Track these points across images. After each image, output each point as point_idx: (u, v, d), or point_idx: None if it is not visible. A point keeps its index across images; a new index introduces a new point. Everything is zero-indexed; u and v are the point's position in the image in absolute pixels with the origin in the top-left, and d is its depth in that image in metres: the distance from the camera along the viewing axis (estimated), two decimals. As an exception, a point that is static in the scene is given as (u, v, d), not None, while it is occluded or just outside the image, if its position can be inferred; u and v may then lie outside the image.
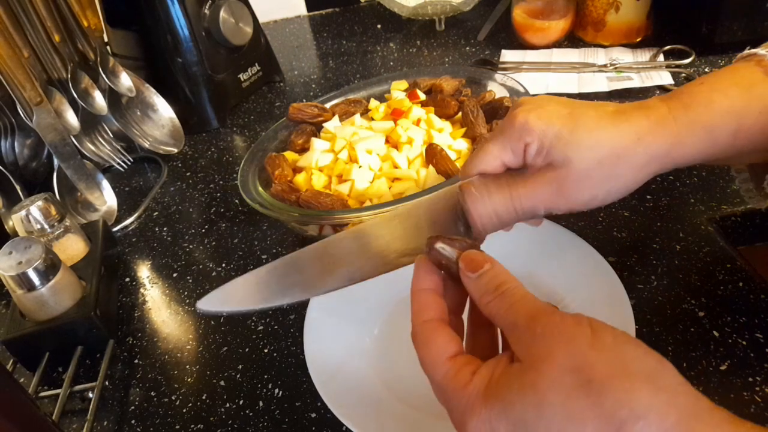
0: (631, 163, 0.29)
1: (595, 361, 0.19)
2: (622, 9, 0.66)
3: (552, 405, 0.19)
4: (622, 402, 0.18)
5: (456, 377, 0.22)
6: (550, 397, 0.19)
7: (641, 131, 0.29)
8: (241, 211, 0.55)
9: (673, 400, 0.19)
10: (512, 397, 0.20)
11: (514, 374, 0.21)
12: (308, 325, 0.37)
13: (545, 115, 0.29)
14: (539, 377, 0.20)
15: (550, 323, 0.21)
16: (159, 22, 0.63)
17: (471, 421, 0.21)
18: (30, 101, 0.50)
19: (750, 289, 0.38)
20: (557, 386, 0.19)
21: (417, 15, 0.82)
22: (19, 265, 0.40)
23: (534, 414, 0.20)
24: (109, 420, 0.38)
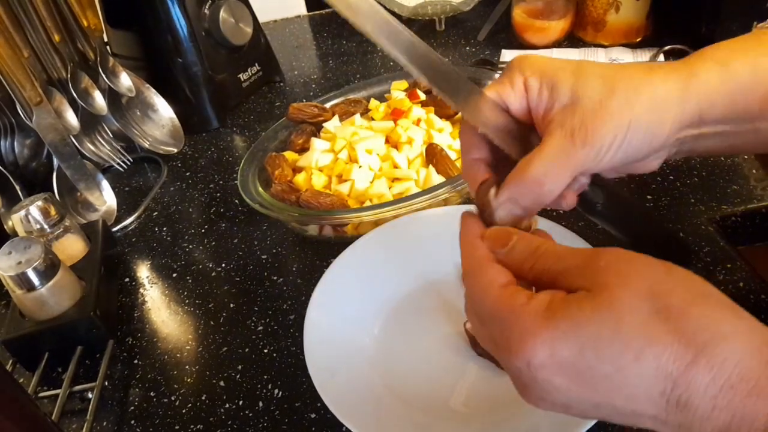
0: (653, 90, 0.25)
1: (673, 287, 0.19)
2: (622, 9, 0.66)
3: (630, 326, 0.18)
4: (703, 326, 0.18)
5: (511, 299, 0.21)
6: (627, 318, 0.18)
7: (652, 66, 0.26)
8: (241, 211, 0.55)
9: (756, 325, 0.18)
10: (583, 316, 0.19)
11: (582, 297, 0.19)
12: (308, 325, 0.37)
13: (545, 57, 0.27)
14: (616, 301, 0.19)
15: (618, 255, 0.20)
16: (159, 22, 0.63)
17: (528, 344, 0.19)
18: (30, 101, 0.50)
19: (750, 289, 0.38)
20: (635, 310, 0.18)
21: (417, 15, 0.82)
22: (19, 265, 0.40)
23: (609, 334, 0.18)
24: (108, 420, 0.38)
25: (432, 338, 0.38)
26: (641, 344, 0.18)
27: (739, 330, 0.18)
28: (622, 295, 0.19)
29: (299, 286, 0.46)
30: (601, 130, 0.25)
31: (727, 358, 0.18)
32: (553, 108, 0.26)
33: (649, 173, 0.51)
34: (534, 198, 0.25)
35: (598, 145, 0.25)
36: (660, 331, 0.18)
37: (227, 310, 0.45)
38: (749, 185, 0.46)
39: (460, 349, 0.37)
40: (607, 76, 0.25)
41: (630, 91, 0.25)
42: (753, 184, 0.46)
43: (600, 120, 0.25)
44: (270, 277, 0.47)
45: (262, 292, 0.46)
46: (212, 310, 0.45)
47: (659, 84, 0.25)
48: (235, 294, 0.46)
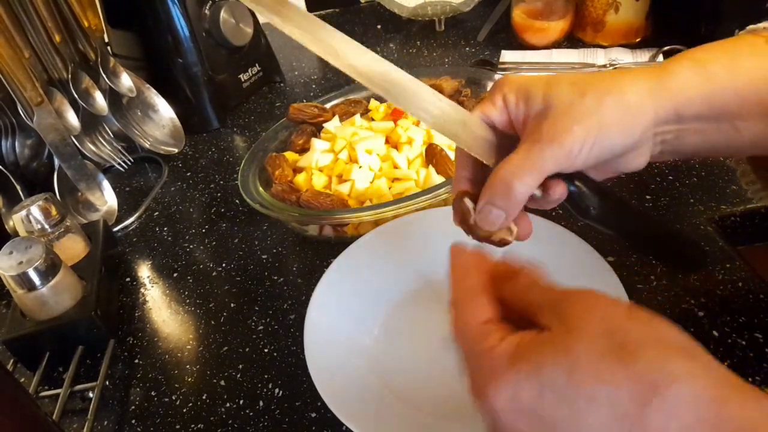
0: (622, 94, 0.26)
1: (630, 328, 0.19)
2: (621, 9, 0.66)
3: (584, 367, 0.19)
4: (655, 366, 0.18)
5: (484, 340, 0.21)
6: (582, 359, 0.19)
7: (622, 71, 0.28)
8: (241, 211, 0.55)
9: (708, 367, 0.18)
10: (542, 359, 0.19)
11: (545, 339, 0.20)
12: (308, 324, 0.37)
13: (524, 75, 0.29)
14: (572, 340, 0.19)
15: (586, 295, 0.21)
16: (159, 23, 0.63)
17: (493, 384, 0.20)
18: (31, 101, 0.50)
19: (749, 289, 0.38)
20: (591, 349, 0.19)
21: (417, 15, 0.82)
22: (20, 265, 0.40)
23: (565, 376, 0.19)
24: (109, 420, 0.38)
25: (432, 338, 0.38)
26: (594, 385, 0.18)
27: (693, 372, 0.18)
28: (580, 335, 0.19)
29: (299, 285, 0.46)
30: (570, 132, 0.26)
31: (680, 399, 0.17)
32: (529, 116, 0.27)
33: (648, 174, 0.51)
34: (506, 199, 0.26)
35: (568, 146, 0.26)
36: (614, 369, 0.18)
37: (228, 310, 0.45)
38: (746, 186, 0.46)
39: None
40: (578, 82, 0.27)
41: (599, 93, 0.26)
42: (744, 187, 0.46)
43: (569, 122, 0.26)
44: (270, 276, 0.47)
45: (263, 291, 0.46)
46: (213, 309, 0.45)
47: (628, 85, 0.26)
48: (236, 294, 0.46)
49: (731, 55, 0.27)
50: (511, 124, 0.28)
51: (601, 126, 0.26)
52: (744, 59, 0.27)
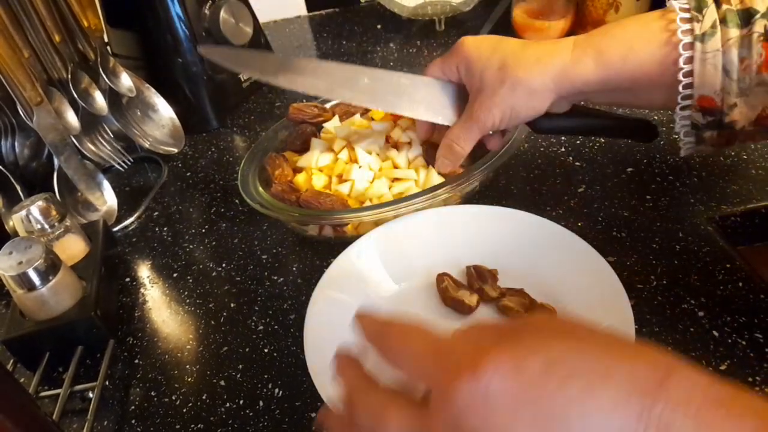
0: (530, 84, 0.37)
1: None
2: (621, 9, 0.66)
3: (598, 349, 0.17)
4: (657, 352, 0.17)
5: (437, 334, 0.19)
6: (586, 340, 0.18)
7: (540, 54, 0.37)
8: (241, 211, 0.55)
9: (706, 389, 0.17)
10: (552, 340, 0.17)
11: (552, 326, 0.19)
12: (308, 324, 0.37)
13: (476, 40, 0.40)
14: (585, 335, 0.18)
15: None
16: (159, 22, 0.63)
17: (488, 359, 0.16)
18: (30, 101, 0.50)
19: (749, 289, 0.38)
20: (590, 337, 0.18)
21: (417, 15, 0.82)
22: (20, 265, 0.40)
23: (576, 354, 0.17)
24: (109, 420, 0.38)
25: (432, 338, 0.38)
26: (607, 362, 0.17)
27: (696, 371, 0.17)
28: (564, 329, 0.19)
29: (299, 285, 0.46)
30: (490, 114, 0.39)
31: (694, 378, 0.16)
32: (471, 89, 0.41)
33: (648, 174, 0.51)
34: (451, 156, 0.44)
35: (490, 123, 0.40)
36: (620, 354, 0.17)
37: (227, 310, 0.45)
38: (748, 185, 0.46)
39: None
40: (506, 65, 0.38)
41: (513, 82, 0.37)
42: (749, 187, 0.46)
43: (489, 105, 0.39)
44: (270, 276, 0.47)
45: (263, 291, 0.46)
46: (213, 309, 0.45)
47: (536, 76, 0.37)
48: (236, 294, 0.46)
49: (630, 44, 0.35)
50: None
51: (512, 108, 0.39)
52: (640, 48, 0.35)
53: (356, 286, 0.40)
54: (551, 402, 0.16)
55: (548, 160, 0.53)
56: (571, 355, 0.17)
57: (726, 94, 0.34)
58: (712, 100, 0.34)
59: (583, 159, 0.52)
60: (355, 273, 0.41)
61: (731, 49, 0.33)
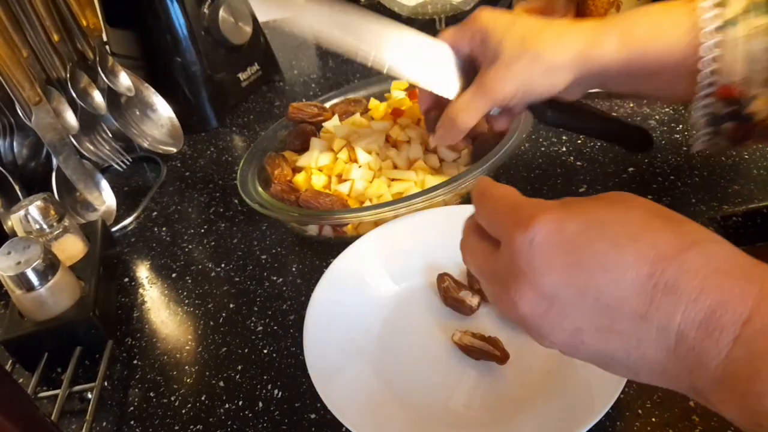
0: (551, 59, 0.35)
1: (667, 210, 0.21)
2: (623, 8, 0.65)
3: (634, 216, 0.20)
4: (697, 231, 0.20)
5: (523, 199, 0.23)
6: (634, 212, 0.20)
7: (562, 31, 0.35)
8: (240, 211, 0.55)
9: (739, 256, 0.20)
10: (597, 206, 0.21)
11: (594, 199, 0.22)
12: (308, 325, 0.37)
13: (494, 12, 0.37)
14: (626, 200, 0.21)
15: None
16: (158, 22, 0.63)
17: (537, 218, 0.21)
18: (29, 101, 0.50)
19: (751, 290, 0.38)
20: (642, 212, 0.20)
21: (417, 14, 0.82)
22: (18, 265, 0.40)
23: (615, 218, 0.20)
24: (108, 420, 0.38)
25: (432, 339, 0.38)
26: (641, 229, 0.20)
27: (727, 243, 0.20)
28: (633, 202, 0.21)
29: (299, 286, 0.46)
30: (503, 86, 0.36)
31: (717, 251, 0.19)
32: (484, 60, 0.37)
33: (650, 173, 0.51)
34: (454, 130, 0.39)
35: (501, 96, 0.37)
36: (659, 225, 0.20)
37: (227, 311, 0.45)
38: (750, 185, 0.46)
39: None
40: (525, 39, 0.35)
41: (533, 56, 0.35)
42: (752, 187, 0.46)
43: (503, 77, 0.36)
44: (269, 277, 0.47)
45: (262, 292, 0.46)
46: (212, 310, 0.45)
47: (558, 54, 0.35)
48: (235, 294, 0.46)
49: (654, 28, 0.34)
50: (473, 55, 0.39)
51: (528, 82, 0.36)
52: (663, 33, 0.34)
53: (356, 287, 0.40)
54: (580, 254, 0.20)
55: (549, 159, 0.53)
56: (609, 219, 0.20)
57: (749, 83, 0.33)
58: (734, 89, 0.34)
59: (584, 159, 0.52)
60: (355, 273, 0.41)
61: (756, 37, 0.32)
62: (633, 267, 0.19)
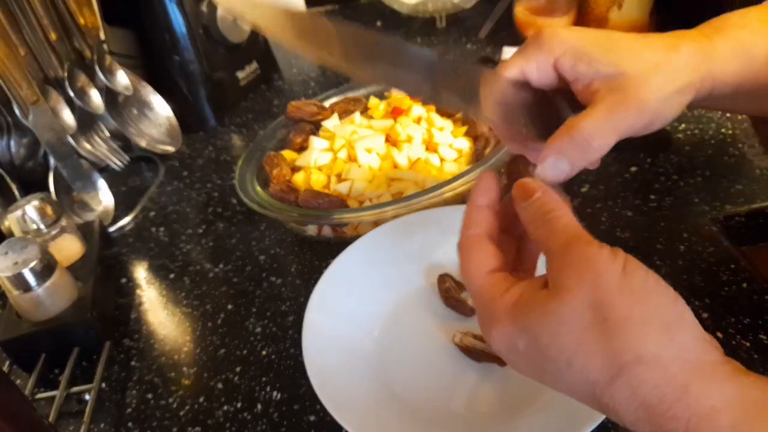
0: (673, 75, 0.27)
1: (617, 302, 0.20)
2: (624, 6, 0.65)
3: (567, 334, 0.20)
4: (629, 346, 0.20)
5: (490, 290, 0.24)
6: (566, 326, 0.21)
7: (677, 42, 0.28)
8: (239, 211, 0.54)
9: (681, 353, 0.19)
10: (533, 319, 0.21)
11: (539, 299, 0.22)
12: (307, 326, 0.37)
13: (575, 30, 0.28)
14: (561, 306, 0.21)
15: (584, 254, 0.21)
16: (156, 20, 0.62)
17: (495, 330, 0.23)
18: (26, 100, 0.50)
19: (754, 290, 0.38)
20: (575, 318, 0.20)
21: (417, 12, 0.81)
22: (15, 265, 0.39)
23: (549, 338, 0.21)
24: (105, 422, 0.38)
25: (432, 339, 0.38)
26: (572, 353, 0.20)
27: (658, 357, 0.19)
28: (570, 301, 0.21)
29: (298, 287, 0.45)
30: (650, 101, 0.26)
31: (643, 380, 0.19)
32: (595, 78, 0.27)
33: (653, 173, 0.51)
34: (581, 154, 0.26)
35: (649, 115, 0.27)
36: (592, 341, 0.20)
37: (225, 312, 0.44)
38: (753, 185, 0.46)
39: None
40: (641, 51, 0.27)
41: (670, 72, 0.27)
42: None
43: (649, 91, 0.27)
44: (268, 277, 0.47)
45: (261, 293, 0.45)
46: (210, 311, 0.45)
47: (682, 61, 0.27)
48: (233, 295, 0.46)
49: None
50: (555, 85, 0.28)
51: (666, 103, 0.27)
52: None
53: (356, 288, 0.40)
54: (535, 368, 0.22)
55: (550, 159, 0.52)
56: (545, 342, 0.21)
57: None
58: None
59: (585, 158, 0.52)
60: (355, 274, 0.40)
61: None
62: (576, 388, 0.21)
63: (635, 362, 0.19)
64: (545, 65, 0.27)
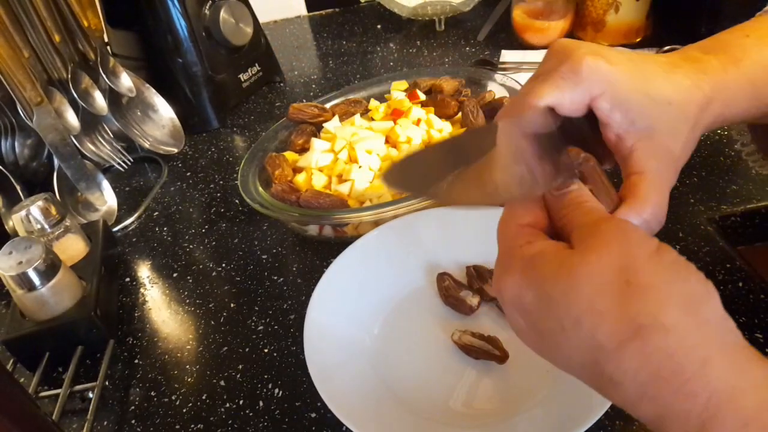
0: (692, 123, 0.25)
1: (643, 268, 0.18)
2: (621, 9, 0.66)
3: (580, 290, 0.19)
4: (647, 310, 0.18)
5: (513, 238, 0.22)
6: (581, 286, 0.19)
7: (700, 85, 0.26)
8: (241, 211, 0.55)
9: (702, 327, 0.18)
10: (546, 274, 0.20)
11: (559, 255, 0.20)
12: (308, 324, 0.37)
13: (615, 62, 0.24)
14: (581, 264, 0.19)
15: (619, 224, 0.20)
16: (159, 23, 0.63)
17: (506, 280, 0.21)
18: (30, 101, 0.50)
19: (749, 289, 0.38)
20: (594, 278, 0.19)
21: (417, 15, 0.82)
22: (20, 265, 0.40)
23: (560, 293, 0.19)
24: (109, 420, 0.38)
25: (432, 338, 0.38)
26: (582, 311, 0.19)
27: (680, 326, 0.17)
28: (593, 260, 0.19)
29: (299, 286, 0.46)
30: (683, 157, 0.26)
31: (658, 348, 0.17)
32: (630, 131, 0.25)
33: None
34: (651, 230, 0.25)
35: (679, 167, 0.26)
36: (606, 303, 0.18)
37: (227, 310, 0.45)
38: (748, 185, 0.46)
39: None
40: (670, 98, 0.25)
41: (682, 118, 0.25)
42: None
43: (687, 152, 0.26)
44: (270, 277, 0.47)
45: (263, 292, 0.46)
46: (213, 309, 0.45)
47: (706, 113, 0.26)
48: (236, 294, 0.46)
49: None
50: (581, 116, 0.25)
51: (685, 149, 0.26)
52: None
53: (356, 286, 0.40)
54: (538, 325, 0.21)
55: (548, 160, 0.53)
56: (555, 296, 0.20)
57: None
58: None
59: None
60: (355, 273, 0.41)
61: None
62: (578, 353, 0.19)
63: (651, 327, 0.17)
64: (580, 102, 0.24)
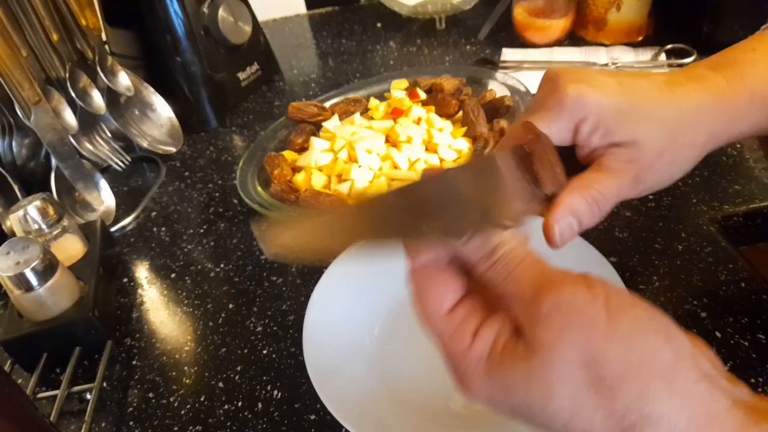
0: (693, 140, 0.27)
1: (609, 356, 0.18)
2: (623, 8, 0.65)
3: (560, 399, 0.18)
4: (634, 406, 0.18)
5: (454, 338, 0.21)
6: (558, 390, 0.18)
7: (701, 105, 0.27)
8: (240, 211, 0.55)
9: (686, 404, 0.18)
10: (517, 382, 0.19)
11: (519, 356, 0.19)
12: (307, 325, 0.37)
13: (599, 85, 0.26)
14: (548, 368, 0.19)
15: (560, 303, 0.19)
16: (158, 21, 0.63)
17: (472, 390, 0.20)
18: (28, 101, 0.50)
19: (752, 290, 0.38)
20: (567, 380, 0.18)
21: (417, 14, 0.82)
22: (17, 265, 0.39)
23: (540, 405, 0.19)
24: (107, 421, 0.38)
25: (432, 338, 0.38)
26: (569, 417, 0.18)
27: (666, 415, 0.18)
28: (556, 360, 0.18)
29: (299, 286, 0.45)
30: (659, 176, 0.27)
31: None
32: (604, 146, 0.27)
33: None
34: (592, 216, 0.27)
35: (652, 187, 0.28)
36: (591, 404, 0.18)
37: (226, 311, 0.45)
38: (751, 185, 0.46)
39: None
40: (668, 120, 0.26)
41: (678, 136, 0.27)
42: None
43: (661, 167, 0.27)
44: (269, 277, 0.47)
45: (261, 292, 0.46)
46: (211, 310, 0.45)
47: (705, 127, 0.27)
48: (234, 294, 0.46)
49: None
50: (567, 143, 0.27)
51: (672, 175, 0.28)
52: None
53: (356, 287, 0.40)
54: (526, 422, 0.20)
55: (549, 159, 0.52)
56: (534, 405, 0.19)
57: None
58: None
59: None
60: (355, 273, 0.40)
61: None
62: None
63: (640, 423, 0.18)
64: (567, 129, 0.27)
